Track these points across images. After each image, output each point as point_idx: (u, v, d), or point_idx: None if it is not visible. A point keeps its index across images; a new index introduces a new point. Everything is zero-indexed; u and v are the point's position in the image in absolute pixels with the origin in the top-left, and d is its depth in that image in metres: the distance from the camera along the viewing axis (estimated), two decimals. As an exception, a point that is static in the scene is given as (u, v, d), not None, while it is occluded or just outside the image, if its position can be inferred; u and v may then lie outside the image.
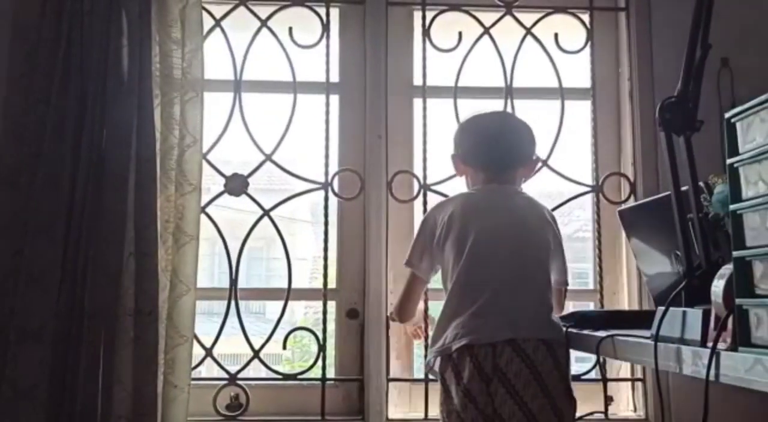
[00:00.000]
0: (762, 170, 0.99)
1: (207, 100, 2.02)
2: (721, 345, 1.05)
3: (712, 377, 1.04)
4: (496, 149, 1.80)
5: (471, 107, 2.12)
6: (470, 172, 1.82)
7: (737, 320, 1.02)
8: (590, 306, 2.22)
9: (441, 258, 1.74)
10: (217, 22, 2.18)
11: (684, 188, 1.29)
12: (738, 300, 1.02)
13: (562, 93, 2.23)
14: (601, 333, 1.44)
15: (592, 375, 2.13)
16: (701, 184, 1.27)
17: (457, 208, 1.74)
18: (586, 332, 1.55)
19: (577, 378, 2.08)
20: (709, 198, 1.25)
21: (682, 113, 1.23)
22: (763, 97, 0.98)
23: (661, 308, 1.25)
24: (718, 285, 1.09)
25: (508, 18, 2.22)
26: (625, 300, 2.18)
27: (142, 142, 1.90)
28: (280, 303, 2.14)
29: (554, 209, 2.19)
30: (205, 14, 2.08)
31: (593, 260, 2.22)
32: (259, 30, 2.20)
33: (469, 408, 1.59)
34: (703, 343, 1.11)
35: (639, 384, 2.13)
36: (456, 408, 1.61)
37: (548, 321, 1.66)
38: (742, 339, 1.01)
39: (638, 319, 1.53)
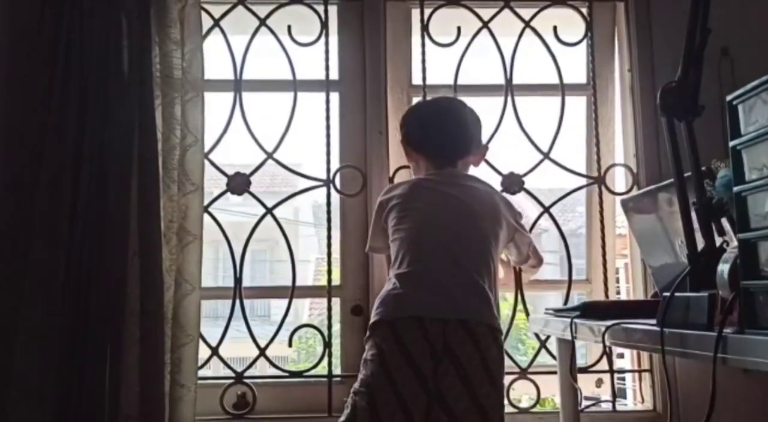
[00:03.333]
0: (765, 152, 0.99)
1: (207, 99, 2.02)
2: (727, 329, 1.05)
3: (719, 360, 1.04)
4: (446, 139, 1.83)
5: (471, 103, 2.11)
6: (421, 160, 1.85)
7: (743, 302, 1.02)
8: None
9: (389, 233, 1.78)
10: (216, 22, 2.18)
11: (686, 175, 1.28)
12: (744, 283, 1.02)
13: (563, 85, 2.23)
14: (607, 323, 1.44)
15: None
16: (703, 169, 1.27)
17: (406, 188, 1.81)
18: (591, 322, 1.54)
19: (585, 369, 2.08)
20: (711, 183, 1.25)
21: (683, 97, 1.23)
22: (764, 78, 0.98)
23: (667, 294, 1.24)
24: (723, 269, 1.09)
25: (506, 11, 2.22)
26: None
27: (143, 142, 1.90)
28: (285, 306, 2.15)
29: (557, 202, 2.22)
30: (204, 14, 2.09)
31: (586, 253, 2.24)
32: (258, 29, 2.20)
33: (412, 383, 1.56)
34: (709, 327, 1.11)
35: (646, 375, 2.12)
36: (393, 378, 1.56)
37: (493, 309, 1.67)
38: (749, 321, 1.01)
39: (644, 309, 1.53)
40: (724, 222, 1.22)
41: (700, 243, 1.23)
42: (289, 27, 2.19)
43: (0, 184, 1.96)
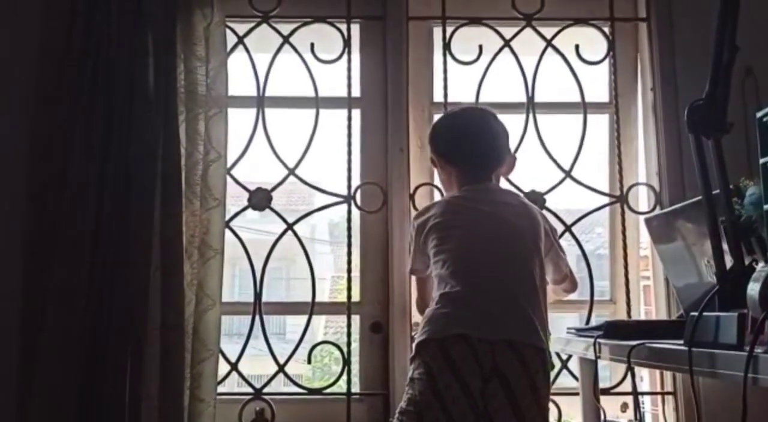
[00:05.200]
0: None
1: (231, 115, 2.04)
2: (758, 349, 1.03)
3: (750, 381, 1.02)
4: (479, 150, 1.81)
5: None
6: (454, 173, 1.82)
7: (775, 322, 1.00)
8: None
9: (430, 253, 1.74)
10: (240, 40, 2.21)
11: (714, 192, 1.27)
12: (775, 302, 1.00)
13: (585, 104, 2.23)
14: (632, 342, 1.42)
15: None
16: (731, 187, 1.25)
17: (444, 207, 1.77)
18: (616, 341, 1.52)
19: (607, 391, 2.05)
20: (740, 201, 1.24)
21: (711, 115, 1.22)
22: (795, 95, 0.97)
23: (694, 314, 1.23)
24: (753, 288, 1.07)
25: (528, 30, 2.23)
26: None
27: (167, 157, 1.92)
28: (301, 323, 2.14)
29: (579, 220, 2.21)
30: (228, 32, 2.11)
31: (611, 274, 2.22)
32: (281, 46, 2.22)
33: (461, 401, 1.54)
34: (739, 347, 1.09)
35: (669, 398, 2.09)
36: (443, 396, 1.54)
37: (541, 331, 1.63)
38: (781, 341, 0.99)
39: (669, 329, 1.51)
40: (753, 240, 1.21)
41: (728, 263, 1.21)
42: (312, 44, 2.21)
43: (26, 199, 1.98)
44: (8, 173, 2.04)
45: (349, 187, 2.15)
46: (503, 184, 1.96)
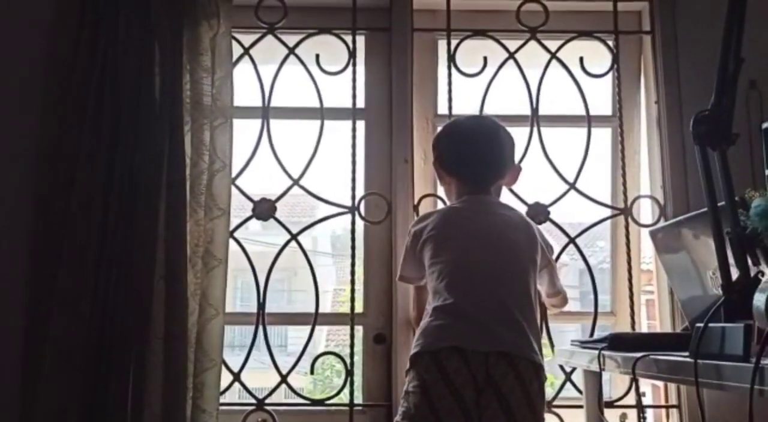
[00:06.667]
0: (802, 180, 0.98)
1: (236, 126, 2.04)
2: (765, 360, 1.02)
3: (756, 393, 1.01)
4: (480, 161, 1.80)
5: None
6: (454, 182, 1.82)
7: (781, 333, 1.00)
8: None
9: (425, 264, 1.74)
10: (246, 51, 2.22)
11: (719, 204, 1.27)
12: (781, 313, 1.00)
13: (589, 116, 2.23)
14: (637, 354, 1.42)
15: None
16: (736, 198, 1.26)
17: (441, 218, 1.76)
18: (620, 353, 1.52)
19: (611, 404, 2.04)
20: (745, 212, 1.24)
21: (717, 126, 1.22)
22: (801, 106, 0.97)
23: (700, 325, 1.22)
24: (759, 299, 1.07)
25: (532, 43, 2.24)
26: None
27: (172, 167, 1.93)
28: (302, 336, 2.14)
29: (583, 232, 2.21)
30: (234, 43, 2.12)
31: (611, 285, 2.22)
32: (286, 57, 2.23)
33: (456, 413, 1.53)
34: (745, 359, 1.09)
35: (674, 411, 2.08)
36: (437, 409, 1.53)
37: (533, 345, 1.62)
38: (788, 352, 0.99)
39: (674, 341, 1.51)
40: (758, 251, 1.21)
41: (733, 275, 1.21)
42: (317, 56, 2.22)
43: (32, 207, 1.98)
44: (15, 178, 2.04)
45: (353, 197, 2.16)
46: (506, 194, 1.96)
